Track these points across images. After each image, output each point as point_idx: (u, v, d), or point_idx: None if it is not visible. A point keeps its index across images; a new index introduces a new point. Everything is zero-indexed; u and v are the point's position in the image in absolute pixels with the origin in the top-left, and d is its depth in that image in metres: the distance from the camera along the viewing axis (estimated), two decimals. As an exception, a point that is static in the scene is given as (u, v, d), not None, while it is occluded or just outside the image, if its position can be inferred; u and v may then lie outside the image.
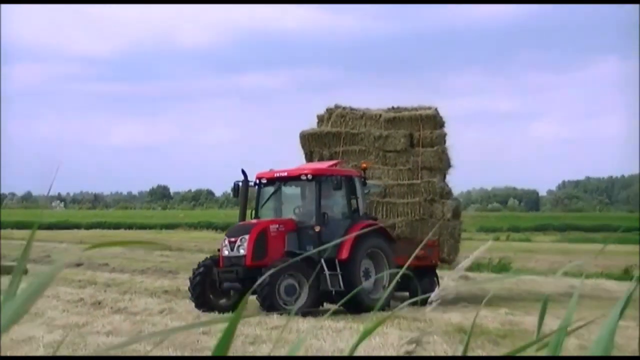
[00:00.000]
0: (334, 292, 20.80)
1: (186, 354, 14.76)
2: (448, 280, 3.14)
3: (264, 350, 15.22)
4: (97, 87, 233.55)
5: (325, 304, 21.19)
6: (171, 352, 14.80)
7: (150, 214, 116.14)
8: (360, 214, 21.69)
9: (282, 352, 15.00)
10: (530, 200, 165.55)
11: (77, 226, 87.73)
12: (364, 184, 21.91)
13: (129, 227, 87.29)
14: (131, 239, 58.00)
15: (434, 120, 23.28)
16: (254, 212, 22.26)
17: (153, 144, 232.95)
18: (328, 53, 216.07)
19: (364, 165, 22.66)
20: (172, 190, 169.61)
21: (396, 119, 23.57)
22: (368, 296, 21.05)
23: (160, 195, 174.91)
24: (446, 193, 23.15)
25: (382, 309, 20.12)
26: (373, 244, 21.45)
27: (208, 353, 14.80)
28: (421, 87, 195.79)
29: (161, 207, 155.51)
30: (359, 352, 13.05)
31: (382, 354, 14.81)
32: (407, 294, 22.32)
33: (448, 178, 24.55)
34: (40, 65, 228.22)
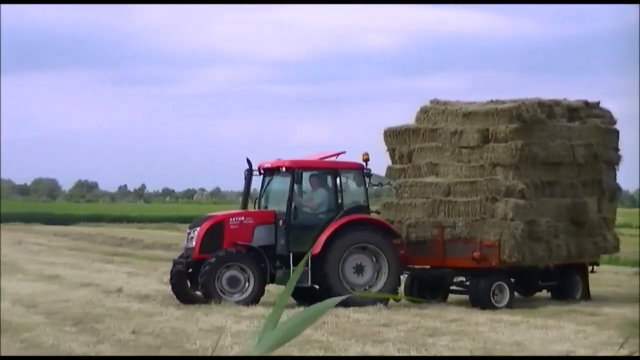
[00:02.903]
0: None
1: (368, 345, 15.10)
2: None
3: (442, 342, 15.48)
4: (283, 89, 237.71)
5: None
6: (353, 343, 15.20)
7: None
8: (347, 209, 20.86)
9: (461, 344, 15.27)
10: None
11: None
12: (368, 175, 21.34)
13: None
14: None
15: (510, 115, 21.43)
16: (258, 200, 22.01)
17: (333, 142, 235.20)
18: (504, 55, 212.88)
19: (365, 157, 21.79)
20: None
21: (471, 113, 22.03)
22: (350, 292, 19.84)
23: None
24: (518, 191, 21.12)
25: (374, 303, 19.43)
26: (362, 239, 20.71)
27: (389, 344, 15.17)
28: (590, 85, 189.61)
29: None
30: (534, 343, 13.16)
31: (559, 347, 14.89)
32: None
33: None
34: (232, 67, 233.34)
